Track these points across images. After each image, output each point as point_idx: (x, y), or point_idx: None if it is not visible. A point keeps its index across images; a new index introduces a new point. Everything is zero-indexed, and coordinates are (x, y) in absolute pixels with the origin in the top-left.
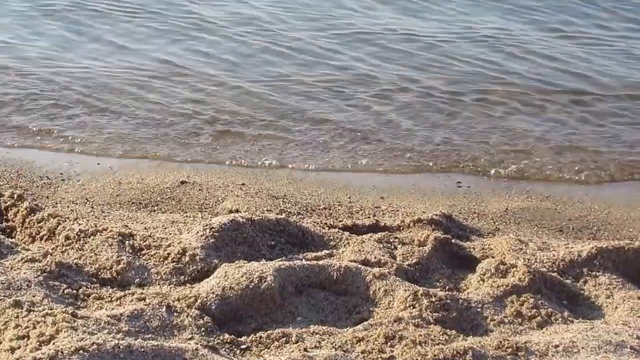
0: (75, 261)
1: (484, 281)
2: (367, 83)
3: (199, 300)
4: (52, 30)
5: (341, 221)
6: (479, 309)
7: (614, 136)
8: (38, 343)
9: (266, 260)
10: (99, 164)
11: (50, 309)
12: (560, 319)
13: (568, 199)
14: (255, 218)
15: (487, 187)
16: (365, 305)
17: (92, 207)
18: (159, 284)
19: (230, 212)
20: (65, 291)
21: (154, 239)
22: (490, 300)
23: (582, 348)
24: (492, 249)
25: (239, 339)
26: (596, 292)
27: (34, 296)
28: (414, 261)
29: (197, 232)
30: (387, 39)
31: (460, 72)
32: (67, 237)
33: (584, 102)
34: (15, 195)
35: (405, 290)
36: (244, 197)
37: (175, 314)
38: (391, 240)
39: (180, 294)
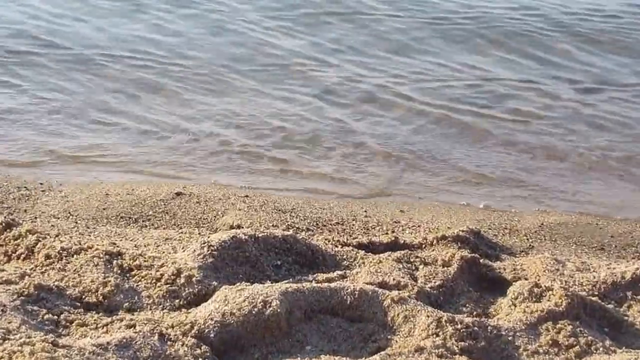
0: (56, 283)
1: (515, 306)
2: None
3: (195, 328)
4: None
5: (356, 238)
6: (510, 338)
7: None
8: None
9: (271, 283)
10: (83, 172)
11: (28, 337)
12: (601, 349)
13: (610, 213)
14: (260, 235)
15: (520, 199)
16: (383, 333)
17: (76, 222)
18: (150, 309)
19: (232, 227)
20: (45, 317)
21: (145, 258)
22: (523, 327)
23: None
24: (525, 270)
25: None
26: None
27: (9, 323)
28: (437, 283)
29: (194, 250)
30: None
31: None
32: (47, 256)
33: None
34: None
35: (428, 316)
36: (246, 211)
37: (169, 342)
38: (412, 260)
39: (174, 320)
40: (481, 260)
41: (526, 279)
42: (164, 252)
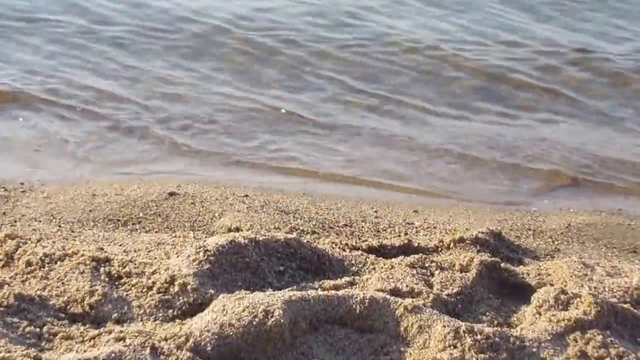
0: (38, 292)
1: (540, 314)
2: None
3: (191, 340)
4: None
5: (365, 241)
6: (534, 349)
7: None
8: None
9: (273, 291)
10: (68, 171)
11: (8, 352)
12: None
13: None
14: (260, 238)
15: (546, 198)
16: (395, 345)
17: (60, 226)
18: (141, 320)
19: (230, 230)
20: (27, 329)
21: (135, 264)
22: (549, 338)
23: None
24: (550, 275)
25: None
26: None
27: None
28: (454, 290)
29: (189, 255)
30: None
31: None
32: (28, 263)
33: None
34: None
35: (445, 327)
36: (246, 212)
37: (162, 357)
38: (427, 265)
39: (168, 332)
40: (502, 265)
41: (552, 285)
42: (155, 258)
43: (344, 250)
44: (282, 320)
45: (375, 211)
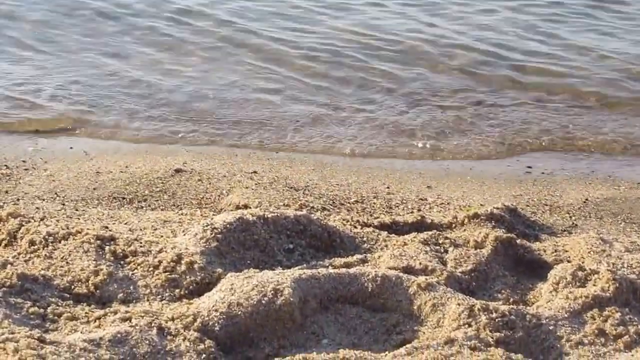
0: (42, 272)
1: (557, 292)
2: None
3: (198, 320)
4: None
5: (377, 218)
6: (551, 327)
7: None
8: None
9: (283, 269)
10: (71, 147)
11: (12, 333)
12: None
13: None
14: (269, 215)
15: (563, 171)
16: (409, 324)
17: (64, 204)
18: (148, 300)
19: (238, 207)
20: (31, 310)
21: (141, 243)
22: (566, 315)
23: None
24: (567, 251)
25: None
26: None
27: None
28: (469, 267)
29: (196, 234)
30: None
31: None
32: (31, 242)
33: None
34: None
35: (459, 305)
36: (254, 189)
37: (168, 337)
38: (440, 242)
39: (174, 312)
40: (518, 241)
41: (569, 262)
42: (162, 237)
43: (355, 227)
44: (291, 299)
45: (387, 187)
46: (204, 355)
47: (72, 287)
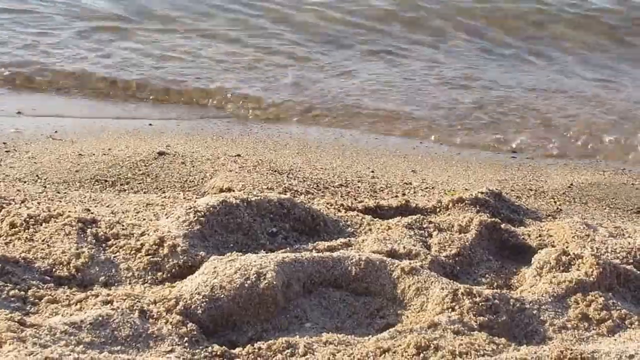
0: (23, 255)
1: (541, 276)
2: None
3: (181, 303)
4: None
5: (361, 202)
6: (535, 312)
7: None
8: None
9: (266, 252)
10: (56, 131)
11: None
12: (636, 323)
13: None
14: (253, 199)
15: (548, 157)
16: (392, 308)
17: (45, 186)
18: (129, 283)
19: (221, 191)
20: (11, 293)
21: (123, 226)
22: (550, 300)
23: None
24: (551, 236)
25: (232, 351)
26: None
27: None
28: (453, 252)
29: (179, 217)
30: None
31: None
32: (12, 225)
33: None
34: None
35: (443, 289)
36: (238, 172)
37: (150, 320)
38: (425, 226)
39: (157, 295)
40: (502, 226)
41: (553, 246)
42: (144, 219)
43: (339, 210)
44: (274, 283)
45: (372, 171)
46: (186, 339)
47: (54, 269)
